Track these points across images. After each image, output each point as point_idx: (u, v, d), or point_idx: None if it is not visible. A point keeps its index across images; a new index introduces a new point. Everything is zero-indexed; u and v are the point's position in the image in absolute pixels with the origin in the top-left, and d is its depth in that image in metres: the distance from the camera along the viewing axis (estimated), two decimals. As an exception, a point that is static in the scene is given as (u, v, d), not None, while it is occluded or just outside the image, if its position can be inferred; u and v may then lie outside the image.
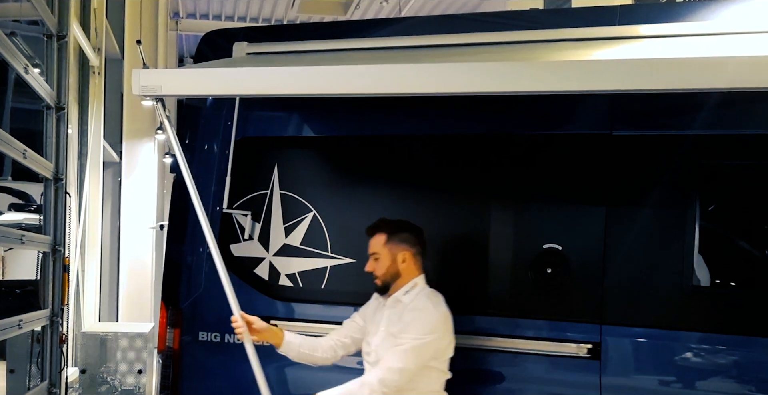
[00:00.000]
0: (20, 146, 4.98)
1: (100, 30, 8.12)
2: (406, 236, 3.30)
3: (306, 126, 3.86)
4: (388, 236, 3.29)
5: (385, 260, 3.29)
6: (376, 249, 3.31)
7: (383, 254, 3.29)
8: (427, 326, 3.14)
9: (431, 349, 3.16)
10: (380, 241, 3.30)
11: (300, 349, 3.39)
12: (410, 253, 3.29)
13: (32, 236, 5.45)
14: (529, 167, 3.45)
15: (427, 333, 3.14)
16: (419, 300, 3.23)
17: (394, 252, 3.28)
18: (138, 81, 3.08)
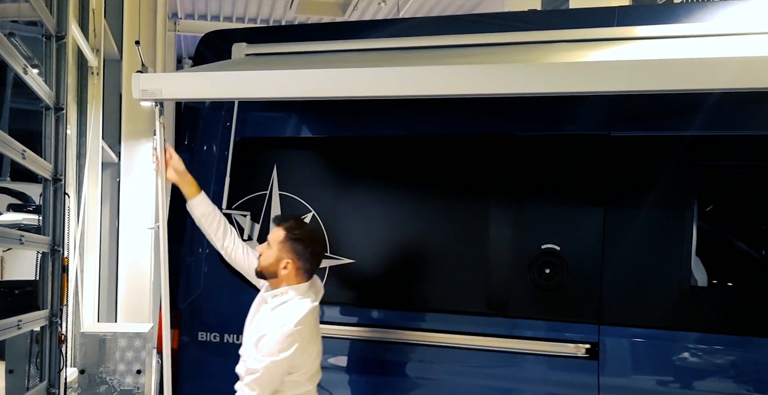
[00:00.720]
0: (19, 147, 4.98)
1: (98, 31, 8.12)
2: (301, 249, 3.22)
3: (305, 127, 3.87)
4: (286, 236, 3.22)
5: (271, 254, 3.24)
6: (271, 240, 3.25)
7: (273, 249, 3.23)
8: (280, 345, 3.08)
9: (284, 367, 3.12)
10: (279, 236, 3.23)
11: (205, 216, 3.44)
12: (294, 265, 3.23)
13: (31, 237, 5.45)
14: (527, 167, 3.46)
15: (281, 352, 3.08)
16: (281, 312, 3.17)
17: (281, 254, 3.22)
18: (138, 85, 3.10)
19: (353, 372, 3.67)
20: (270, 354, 3.10)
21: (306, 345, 3.15)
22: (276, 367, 3.11)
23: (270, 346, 3.10)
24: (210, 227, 3.46)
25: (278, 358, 3.09)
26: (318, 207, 3.70)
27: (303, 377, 3.21)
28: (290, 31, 3.85)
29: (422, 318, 3.52)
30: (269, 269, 3.25)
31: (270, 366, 3.10)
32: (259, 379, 3.11)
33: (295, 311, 3.16)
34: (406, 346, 3.54)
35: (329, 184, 3.77)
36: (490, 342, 3.37)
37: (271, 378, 3.13)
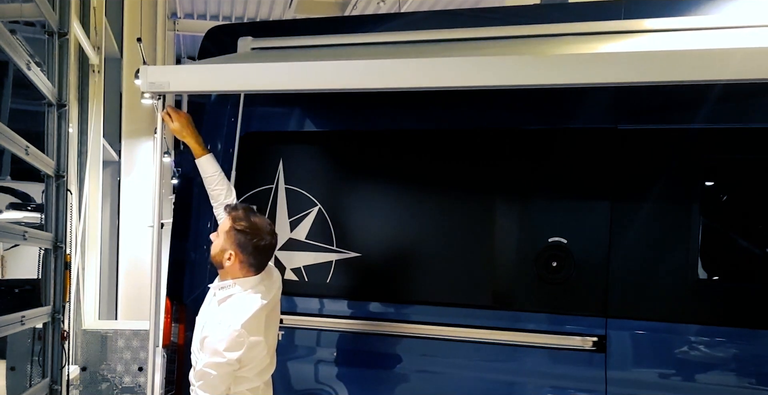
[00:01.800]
0: (23, 142, 4.99)
1: (99, 28, 8.13)
2: (244, 242, 3.09)
3: (310, 121, 3.87)
4: (231, 227, 3.11)
5: (218, 244, 3.14)
6: (219, 229, 3.17)
7: (220, 238, 3.14)
8: (227, 345, 2.97)
9: (233, 366, 3.02)
10: (225, 225, 3.14)
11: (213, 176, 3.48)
12: (237, 258, 3.11)
13: (34, 233, 5.45)
14: (533, 161, 3.45)
15: (227, 352, 2.98)
16: (227, 310, 3.07)
17: (225, 244, 3.11)
18: (146, 77, 3.10)
19: (360, 366, 3.67)
20: (215, 354, 2.99)
21: (254, 343, 3.03)
22: (223, 368, 3.00)
23: (214, 346, 2.99)
24: (213, 190, 3.47)
25: (224, 359, 2.98)
26: (324, 201, 3.70)
27: (250, 373, 3.10)
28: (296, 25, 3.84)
29: (428, 312, 3.51)
30: (216, 259, 3.15)
31: (217, 367, 2.99)
32: (211, 382, 3.01)
33: (242, 310, 3.04)
34: (412, 340, 3.54)
35: (335, 178, 3.76)
36: (497, 335, 3.36)
37: (221, 380, 3.03)
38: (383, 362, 3.64)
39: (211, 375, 3.00)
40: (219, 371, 3.00)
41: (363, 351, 3.66)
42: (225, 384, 3.05)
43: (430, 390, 3.50)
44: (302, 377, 3.72)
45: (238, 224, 3.11)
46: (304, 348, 3.75)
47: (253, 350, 3.04)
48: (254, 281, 3.15)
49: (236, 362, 3.00)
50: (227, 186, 3.51)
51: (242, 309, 3.05)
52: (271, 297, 3.19)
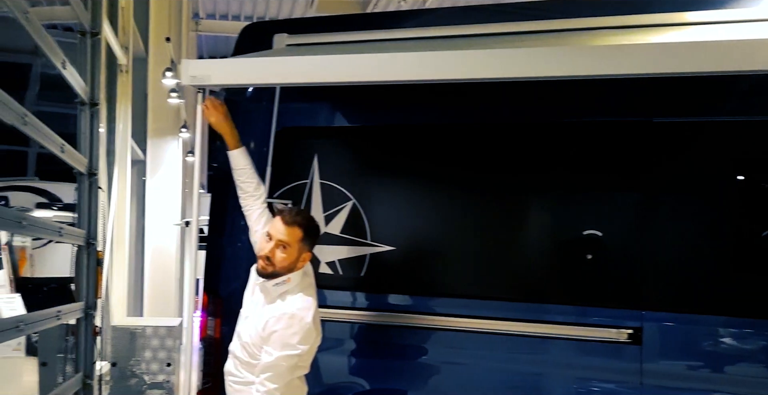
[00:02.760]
0: (59, 141, 5.06)
1: (127, 28, 8.21)
2: (315, 238, 3.37)
3: (345, 116, 3.92)
4: (305, 235, 3.29)
5: (293, 254, 3.28)
6: (291, 241, 3.27)
7: (294, 249, 3.28)
8: (294, 337, 3.17)
9: (300, 359, 3.22)
10: (297, 235, 3.27)
11: (244, 169, 3.58)
12: (310, 255, 3.37)
13: (69, 230, 5.52)
14: (568, 154, 3.48)
15: (297, 347, 3.17)
16: (289, 303, 3.25)
17: (302, 251, 3.30)
18: (187, 71, 3.16)
19: (394, 359, 3.72)
20: (288, 347, 3.15)
21: (317, 336, 3.28)
22: (293, 359, 3.17)
23: (287, 340, 3.15)
24: (244, 183, 3.57)
25: (297, 351, 3.16)
26: (358, 195, 3.75)
27: (305, 362, 3.29)
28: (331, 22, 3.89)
29: (463, 305, 3.55)
30: (289, 266, 3.28)
31: (288, 359, 3.16)
32: (280, 373, 3.16)
33: (308, 304, 3.25)
34: (446, 332, 3.59)
35: (369, 172, 3.81)
36: (531, 328, 3.41)
37: (290, 371, 3.18)
38: (417, 355, 3.68)
39: (282, 366, 3.16)
40: (289, 363, 3.17)
41: (397, 344, 3.71)
42: (291, 375, 3.20)
43: (464, 383, 3.54)
44: (335, 369, 3.78)
45: (309, 229, 3.30)
46: (338, 340, 3.80)
47: (316, 343, 3.26)
48: (302, 274, 3.34)
49: (305, 354, 3.19)
50: (257, 180, 3.60)
51: (308, 303, 3.26)
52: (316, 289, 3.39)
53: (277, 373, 3.17)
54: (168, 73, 9.55)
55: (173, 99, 10.38)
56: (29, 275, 11.41)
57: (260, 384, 3.19)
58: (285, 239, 3.27)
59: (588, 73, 2.85)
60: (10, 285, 9.42)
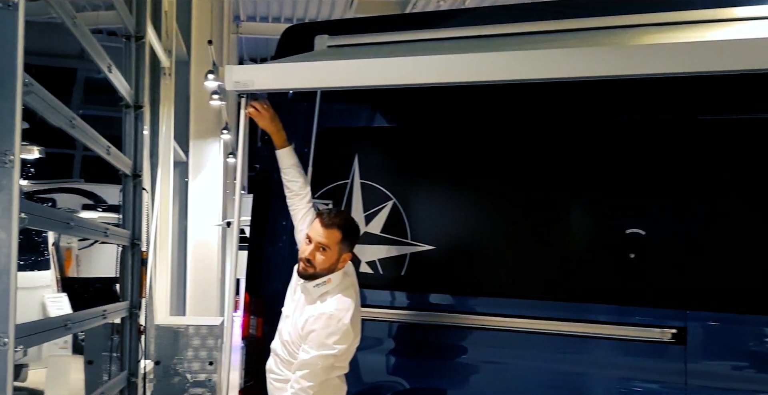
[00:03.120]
0: (105, 143, 5.17)
1: (170, 32, 8.35)
2: (355, 239, 3.40)
3: (385, 116, 3.94)
4: (344, 237, 3.32)
5: (332, 256, 3.32)
6: (330, 243, 3.30)
7: (334, 250, 3.31)
8: (332, 337, 3.21)
9: (336, 359, 3.25)
10: (336, 237, 3.30)
11: (292, 167, 3.59)
12: (350, 254, 3.39)
13: (114, 230, 5.64)
14: (611, 152, 3.46)
15: (333, 347, 3.21)
16: (329, 304, 3.28)
17: (342, 252, 3.34)
18: (231, 77, 3.21)
19: (433, 359, 3.72)
20: (324, 347, 3.20)
21: (356, 337, 3.30)
22: (329, 359, 3.21)
23: (324, 340, 3.20)
24: (290, 181, 3.59)
25: (333, 351, 3.20)
26: (398, 195, 3.76)
27: (344, 362, 3.33)
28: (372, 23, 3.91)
29: (503, 304, 3.54)
30: (330, 268, 3.32)
31: (324, 359, 3.20)
32: (316, 371, 3.21)
33: (347, 305, 3.27)
34: (486, 332, 3.58)
35: (410, 172, 3.82)
36: (573, 328, 3.38)
37: (325, 370, 3.23)
38: (457, 354, 3.68)
39: (317, 365, 3.20)
40: (325, 362, 3.21)
41: (437, 343, 3.71)
42: (326, 374, 3.25)
43: (504, 383, 3.53)
44: (375, 368, 3.79)
45: (348, 231, 3.33)
46: (378, 340, 3.82)
47: (355, 345, 3.30)
48: (342, 274, 3.37)
49: (342, 354, 3.23)
50: (303, 179, 3.63)
51: (347, 304, 3.28)
52: (357, 289, 3.42)
53: (312, 372, 3.21)
54: (210, 76, 9.69)
55: (215, 101, 10.53)
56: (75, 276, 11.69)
57: (295, 381, 3.24)
58: (324, 242, 3.30)
59: (635, 72, 2.82)
60: (57, 285, 9.65)
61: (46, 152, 12.54)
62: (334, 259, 3.32)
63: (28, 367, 8.89)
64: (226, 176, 12.51)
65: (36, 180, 12.45)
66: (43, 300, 8.41)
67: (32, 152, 12.16)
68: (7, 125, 3.16)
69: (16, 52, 3.17)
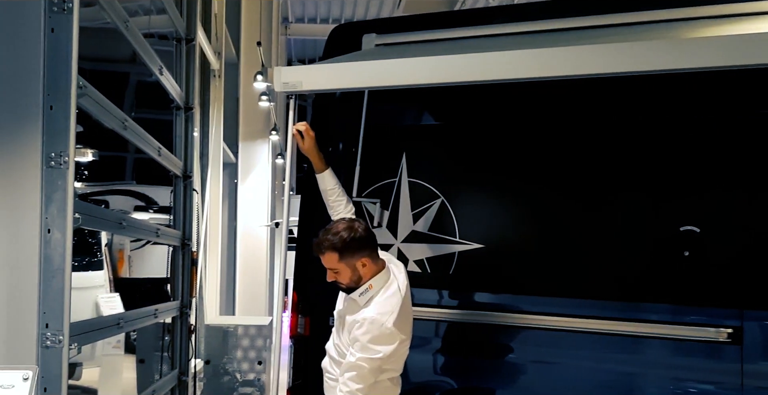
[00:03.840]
0: (156, 144, 5.26)
1: (220, 35, 8.45)
2: (355, 245, 3.26)
3: (432, 114, 3.93)
4: (341, 255, 3.25)
5: (346, 272, 3.28)
6: (333, 266, 3.28)
7: (342, 269, 3.28)
8: (376, 340, 3.19)
9: (382, 362, 3.22)
10: (334, 258, 3.27)
11: (332, 190, 3.59)
12: (367, 257, 3.28)
13: (165, 231, 5.73)
14: (666, 148, 3.39)
15: (377, 350, 3.19)
16: (372, 308, 3.25)
17: (352, 263, 3.27)
18: (279, 78, 3.23)
19: (482, 358, 3.70)
20: (368, 350, 3.19)
21: (404, 341, 3.26)
22: (375, 362, 3.20)
23: (367, 343, 3.20)
24: (334, 202, 3.60)
25: (378, 355, 3.19)
26: (446, 193, 3.75)
27: (394, 365, 3.31)
28: (419, 21, 3.91)
29: (553, 303, 3.50)
30: (354, 279, 3.31)
31: (370, 362, 3.19)
32: (362, 374, 3.20)
33: (389, 308, 3.23)
34: (536, 331, 3.54)
35: (458, 170, 3.80)
36: (625, 327, 3.32)
37: (372, 373, 3.22)
38: (507, 354, 3.65)
39: (364, 368, 3.20)
40: (371, 365, 3.20)
41: (485, 342, 3.69)
42: (374, 377, 3.25)
43: (554, 383, 3.49)
44: (423, 368, 3.78)
45: (338, 246, 3.24)
46: (426, 339, 3.80)
47: (402, 348, 3.27)
48: (384, 273, 3.33)
49: (387, 357, 3.20)
50: (346, 198, 3.64)
51: (389, 307, 3.24)
52: (405, 291, 3.35)
53: (359, 374, 3.21)
54: (258, 77, 9.78)
55: (263, 102, 10.62)
56: (127, 276, 11.91)
57: (343, 383, 3.26)
58: (329, 266, 3.31)
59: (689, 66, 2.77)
60: (110, 285, 9.84)
61: (99, 154, 12.82)
62: (349, 273, 3.29)
63: (82, 366, 9.07)
64: (274, 177, 12.61)
65: (90, 182, 12.70)
66: (96, 299, 8.56)
67: (86, 154, 12.43)
68: (61, 127, 3.24)
69: (71, 55, 3.24)
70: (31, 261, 3.21)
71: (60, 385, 3.26)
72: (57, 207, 3.23)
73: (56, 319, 3.23)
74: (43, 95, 3.20)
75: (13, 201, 3.19)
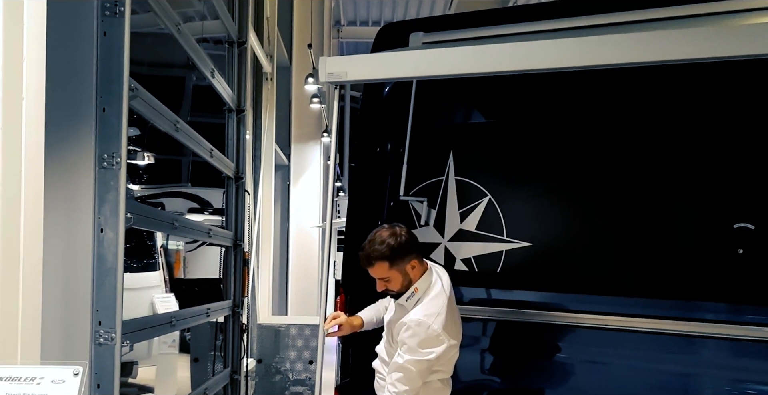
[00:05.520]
0: (208, 146, 5.35)
1: (272, 38, 8.54)
2: (403, 250, 3.25)
3: (480, 112, 3.90)
4: (391, 262, 3.24)
5: (396, 279, 3.28)
6: (384, 275, 3.28)
7: (393, 276, 3.27)
8: (423, 343, 3.17)
9: (430, 364, 3.20)
10: (384, 268, 3.26)
11: (374, 324, 3.64)
12: (415, 259, 3.28)
13: (217, 231, 5.82)
14: (720, 144, 3.30)
15: (424, 352, 3.17)
16: (418, 310, 3.23)
17: (402, 268, 3.27)
18: (324, 68, 3.24)
19: (530, 357, 3.65)
20: (415, 352, 3.18)
21: (452, 344, 3.24)
22: (423, 364, 3.19)
23: (415, 346, 3.18)
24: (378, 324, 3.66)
25: (425, 358, 3.18)
26: (494, 192, 3.71)
27: (444, 366, 3.30)
28: (467, 19, 3.88)
29: (603, 302, 3.43)
30: (404, 284, 3.30)
31: (417, 364, 3.18)
32: (410, 376, 3.21)
33: (435, 311, 3.21)
34: (585, 330, 3.48)
35: (506, 168, 3.76)
36: (678, 327, 3.24)
37: (420, 375, 3.21)
38: (554, 353, 3.60)
39: (411, 370, 3.21)
40: (418, 367, 3.20)
41: (533, 341, 3.64)
42: (422, 379, 3.25)
43: (605, 383, 3.43)
44: (471, 368, 3.75)
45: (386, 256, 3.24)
46: (473, 338, 3.77)
47: (452, 350, 3.26)
48: (429, 275, 3.33)
49: (435, 359, 3.20)
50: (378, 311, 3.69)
51: (435, 309, 3.22)
52: (450, 292, 3.33)
53: (407, 376, 3.21)
54: (310, 79, 9.86)
55: (315, 104, 10.71)
56: (182, 277, 12.13)
57: (391, 384, 3.27)
58: (379, 276, 3.31)
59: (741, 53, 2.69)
60: (165, 285, 10.03)
61: (156, 158, 13.09)
62: (400, 279, 3.29)
63: (138, 364, 9.27)
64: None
65: (147, 185, 12.97)
66: (152, 299, 8.74)
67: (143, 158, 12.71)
68: (114, 128, 3.31)
69: (123, 58, 3.31)
70: (85, 260, 3.29)
71: (112, 381, 3.34)
72: (110, 207, 3.30)
73: (109, 317, 3.31)
74: (96, 98, 3.28)
75: (67, 202, 3.27)
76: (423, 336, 3.18)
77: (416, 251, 3.31)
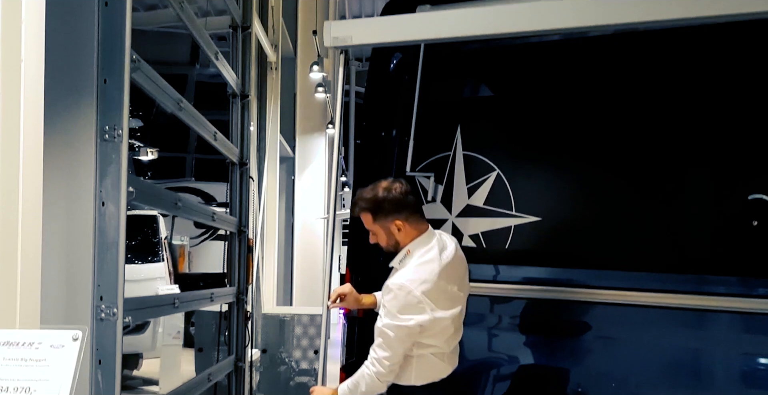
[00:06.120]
0: (211, 128, 5.29)
1: (276, 27, 8.49)
2: (389, 207, 3.16)
3: (487, 86, 3.85)
4: (374, 215, 3.19)
5: (381, 235, 3.22)
6: (369, 227, 3.23)
7: (377, 231, 3.22)
8: (402, 308, 3.00)
9: (411, 331, 3.01)
10: (368, 219, 3.21)
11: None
12: (401, 220, 3.16)
13: (222, 216, 5.76)
14: (732, 114, 3.23)
15: (402, 318, 3.00)
16: (402, 274, 3.10)
17: (386, 225, 3.18)
18: (329, 33, 3.18)
19: (539, 334, 3.60)
20: (392, 316, 3.02)
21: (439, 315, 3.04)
22: (401, 330, 3.01)
23: (390, 308, 3.03)
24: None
25: (401, 323, 3.00)
26: (502, 166, 3.66)
27: (436, 340, 3.10)
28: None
29: (613, 277, 3.37)
30: (391, 243, 3.21)
31: (396, 329, 3.01)
32: (388, 342, 3.03)
33: (420, 275, 3.05)
34: (594, 306, 3.43)
35: (513, 142, 3.71)
36: (691, 301, 3.18)
37: (399, 342, 3.03)
38: (563, 329, 3.54)
39: (388, 335, 3.04)
40: (397, 333, 3.02)
41: (542, 318, 3.59)
42: (403, 347, 3.05)
43: (616, 359, 3.38)
44: (479, 345, 3.69)
45: (371, 206, 3.18)
46: (481, 315, 3.71)
47: (439, 322, 3.06)
48: (424, 238, 3.18)
49: (416, 326, 3.01)
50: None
51: (422, 276, 3.04)
52: (447, 261, 3.14)
53: (386, 342, 3.04)
54: (315, 68, 9.79)
55: (319, 93, 10.64)
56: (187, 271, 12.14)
57: (372, 349, 3.11)
58: (366, 227, 3.27)
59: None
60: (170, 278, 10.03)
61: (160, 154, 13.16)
62: (385, 235, 3.21)
63: (142, 357, 9.25)
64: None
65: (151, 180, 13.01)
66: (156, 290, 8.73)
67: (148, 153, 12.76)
68: (115, 100, 3.25)
69: (124, 28, 3.25)
70: (86, 234, 3.23)
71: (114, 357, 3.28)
72: (111, 180, 3.24)
73: (110, 292, 3.24)
74: (97, 69, 3.22)
75: (68, 174, 3.21)
76: (402, 300, 3.00)
77: (407, 211, 3.17)
